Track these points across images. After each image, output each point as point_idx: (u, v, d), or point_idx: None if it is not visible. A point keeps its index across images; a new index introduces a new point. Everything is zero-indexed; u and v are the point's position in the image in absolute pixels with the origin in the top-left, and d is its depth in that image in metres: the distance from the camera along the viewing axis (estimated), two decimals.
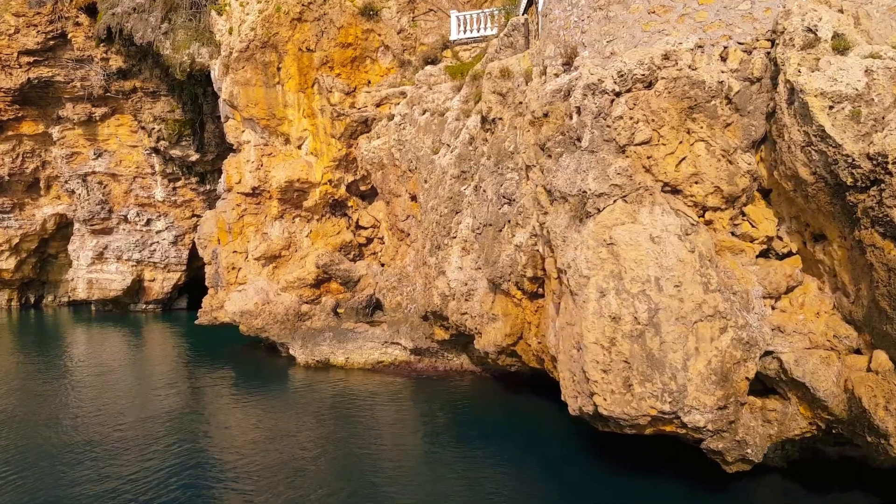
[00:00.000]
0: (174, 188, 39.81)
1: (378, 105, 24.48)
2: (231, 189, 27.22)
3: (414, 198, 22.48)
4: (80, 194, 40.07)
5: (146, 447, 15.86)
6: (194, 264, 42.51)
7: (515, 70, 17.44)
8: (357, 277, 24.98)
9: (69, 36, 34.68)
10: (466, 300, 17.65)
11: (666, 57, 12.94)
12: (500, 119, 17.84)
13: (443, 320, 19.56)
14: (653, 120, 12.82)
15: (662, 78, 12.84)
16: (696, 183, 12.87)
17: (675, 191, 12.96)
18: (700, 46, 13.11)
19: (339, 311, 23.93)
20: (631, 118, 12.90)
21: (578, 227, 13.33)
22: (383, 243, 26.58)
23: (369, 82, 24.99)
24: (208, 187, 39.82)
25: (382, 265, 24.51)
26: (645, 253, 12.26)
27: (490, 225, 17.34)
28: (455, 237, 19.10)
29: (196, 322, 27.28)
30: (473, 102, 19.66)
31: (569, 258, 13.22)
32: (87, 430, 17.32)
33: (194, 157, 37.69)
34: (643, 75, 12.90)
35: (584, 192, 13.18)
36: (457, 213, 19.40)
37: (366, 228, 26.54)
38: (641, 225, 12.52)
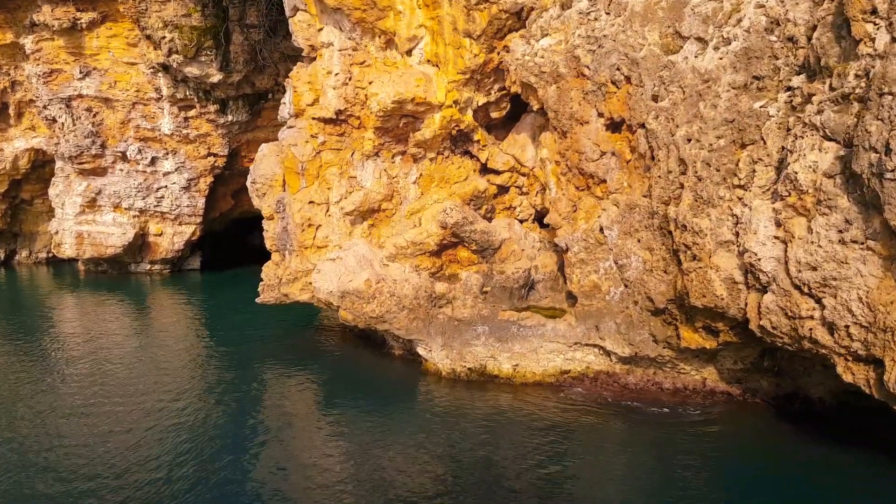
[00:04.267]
0: (186, 119, 31.29)
1: None
2: (302, 113, 19.17)
3: (616, 124, 14.84)
4: (62, 124, 31.34)
5: None
6: (210, 215, 34.37)
7: None
8: (498, 242, 17.43)
9: None
10: (820, 293, 10.28)
11: None
12: None
13: (714, 320, 12.30)
14: None
15: None
16: None
17: None
18: None
19: (485, 290, 16.42)
20: None
21: None
22: (524, 193, 18.95)
23: None
24: (230, 119, 31.46)
25: (545, 225, 16.92)
26: None
27: None
28: (745, 186, 11.67)
29: (258, 300, 19.52)
30: None
31: None
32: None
33: (216, 77, 29.17)
34: None
35: None
36: (744, 145, 11.91)
37: (499, 173, 18.84)
38: None
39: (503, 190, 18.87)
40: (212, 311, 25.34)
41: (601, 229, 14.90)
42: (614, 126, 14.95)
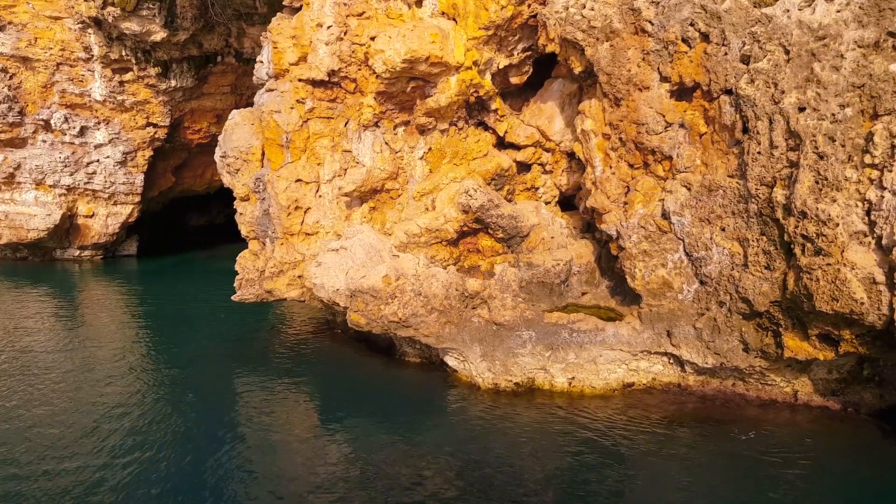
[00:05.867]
0: (121, 83, 27.15)
1: None
2: (284, 74, 15.98)
3: (685, 90, 12.52)
4: None
5: None
6: (149, 194, 30.40)
7: None
8: (527, 229, 14.92)
9: None
10: None
11: None
12: None
13: (840, 327, 10.19)
14: None
15: None
16: None
17: None
18: None
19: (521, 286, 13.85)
20: None
21: None
22: (547, 172, 16.48)
23: None
24: (173, 84, 27.53)
25: (567, 208, 14.45)
26: None
27: None
28: (881, 166, 9.56)
29: (235, 298, 16.29)
30: None
31: None
32: None
33: (158, 35, 25.20)
34: None
35: None
36: (877, 115, 9.78)
37: (519, 148, 16.28)
38: None
39: (524, 168, 16.35)
40: (158, 305, 21.73)
41: (664, 214, 12.60)
42: (682, 92, 12.62)
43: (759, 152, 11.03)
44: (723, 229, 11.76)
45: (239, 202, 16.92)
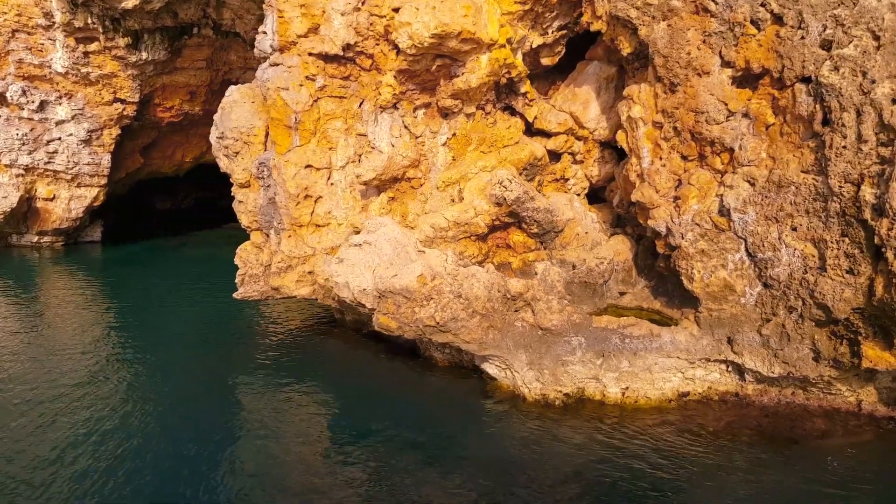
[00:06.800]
0: (85, 54, 24.92)
1: None
2: (290, 47, 14.42)
3: (749, 77, 11.51)
4: None
5: None
6: (115, 176, 28.25)
7: None
8: (562, 224, 13.81)
9: None
10: None
11: None
12: None
13: None
14: None
15: None
16: None
17: None
18: None
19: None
20: None
21: None
22: (577, 162, 15.37)
23: None
24: (144, 56, 25.42)
25: (595, 201, 13.35)
26: None
27: None
28: None
29: (237, 295, 14.75)
30: None
31: None
32: None
33: (130, 2, 23.07)
34: None
35: None
36: None
37: (549, 136, 15.12)
38: None
39: (554, 157, 15.21)
40: (130, 299, 19.83)
41: (722, 211, 11.63)
42: (746, 79, 11.62)
43: (844, 146, 10.11)
44: (794, 229, 10.85)
45: (238, 189, 15.33)
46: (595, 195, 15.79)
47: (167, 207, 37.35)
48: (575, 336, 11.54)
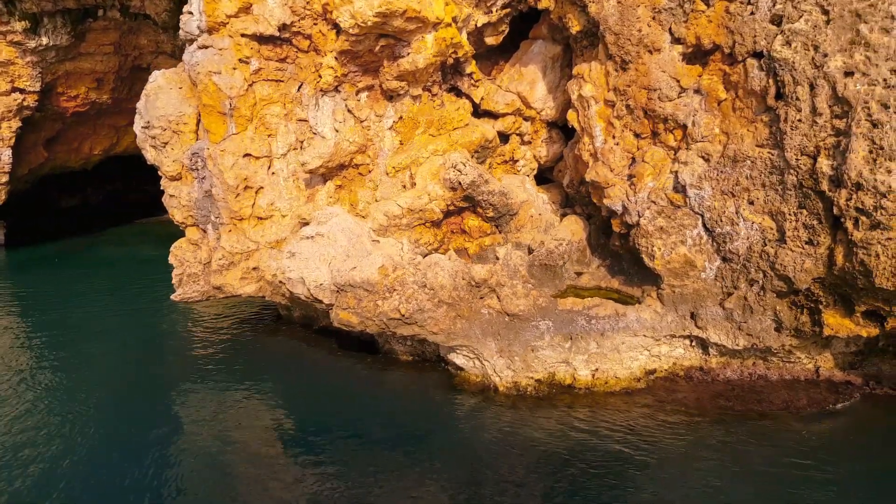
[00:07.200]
0: None
1: None
2: (220, 27, 13.45)
3: (699, 53, 11.55)
4: None
5: None
6: (18, 172, 26.05)
7: None
8: (516, 207, 13.59)
9: None
10: None
11: None
12: None
13: (893, 303, 9.70)
14: None
15: None
16: None
17: None
18: None
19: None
20: None
21: None
22: (526, 143, 15.14)
23: None
24: (45, 42, 23.41)
25: (543, 181, 13.17)
26: None
27: None
28: None
29: (175, 297, 13.74)
30: None
31: None
32: None
33: None
34: None
35: None
36: None
37: (496, 117, 14.81)
38: None
39: (502, 139, 14.91)
40: (47, 307, 18.29)
41: (677, 187, 11.68)
42: (696, 56, 11.66)
43: (799, 120, 10.28)
44: (751, 203, 11.00)
45: (168, 182, 14.26)
46: (542, 176, 15.64)
47: (73, 204, 34.83)
48: (542, 320, 11.36)
